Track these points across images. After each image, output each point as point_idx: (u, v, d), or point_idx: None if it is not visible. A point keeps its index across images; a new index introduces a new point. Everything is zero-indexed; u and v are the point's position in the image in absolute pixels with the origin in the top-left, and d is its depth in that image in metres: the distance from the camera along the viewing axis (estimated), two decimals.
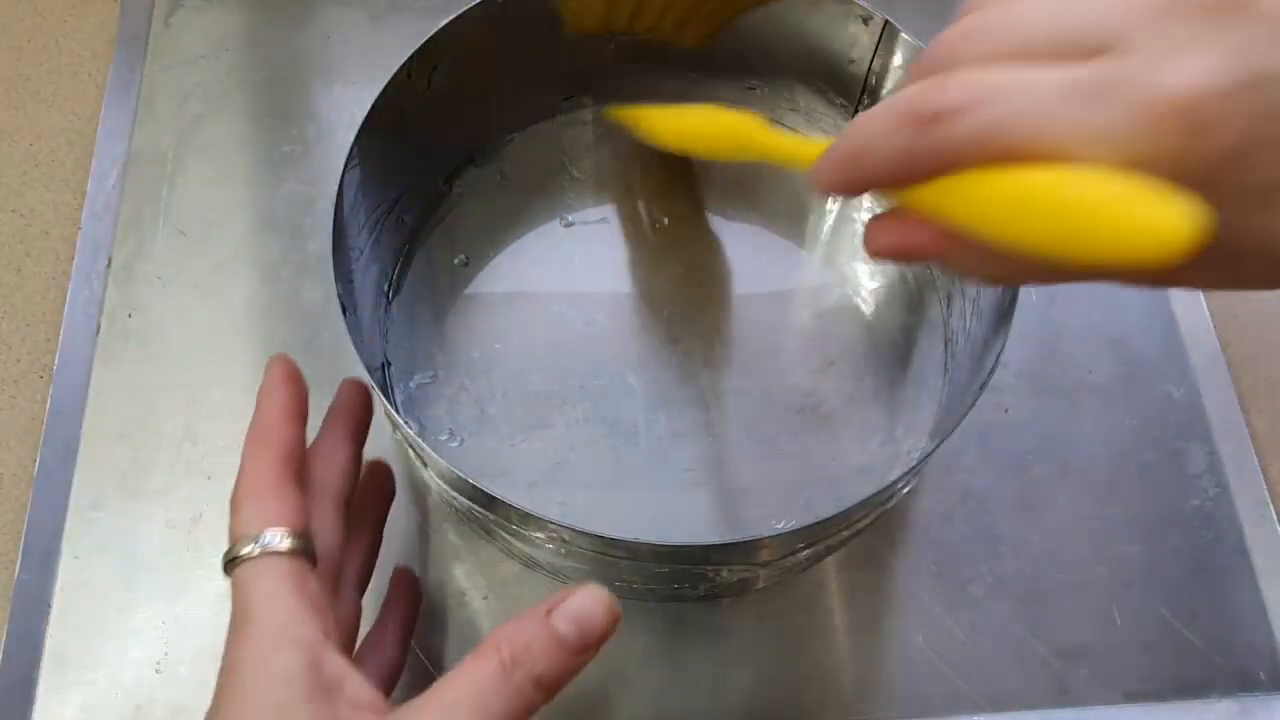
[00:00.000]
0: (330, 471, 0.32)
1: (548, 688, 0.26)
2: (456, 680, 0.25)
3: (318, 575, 0.28)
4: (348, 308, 0.35)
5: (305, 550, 0.27)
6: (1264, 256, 0.21)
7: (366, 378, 0.34)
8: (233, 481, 0.38)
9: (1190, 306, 0.45)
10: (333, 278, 0.34)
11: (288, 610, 0.26)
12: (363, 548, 0.34)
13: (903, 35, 0.38)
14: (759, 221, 0.45)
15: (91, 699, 0.37)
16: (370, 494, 0.35)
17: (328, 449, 0.32)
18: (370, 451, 0.35)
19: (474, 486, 0.31)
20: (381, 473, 0.35)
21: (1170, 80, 0.19)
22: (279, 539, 0.27)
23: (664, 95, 0.47)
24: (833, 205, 0.45)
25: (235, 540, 0.27)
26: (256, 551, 0.27)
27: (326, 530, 0.31)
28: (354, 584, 0.33)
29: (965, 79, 0.21)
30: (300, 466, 0.29)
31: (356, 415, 0.34)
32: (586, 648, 0.26)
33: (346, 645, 0.31)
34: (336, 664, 0.26)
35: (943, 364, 0.42)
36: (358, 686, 0.26)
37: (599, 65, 0.45)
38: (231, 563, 0.27)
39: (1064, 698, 0.38)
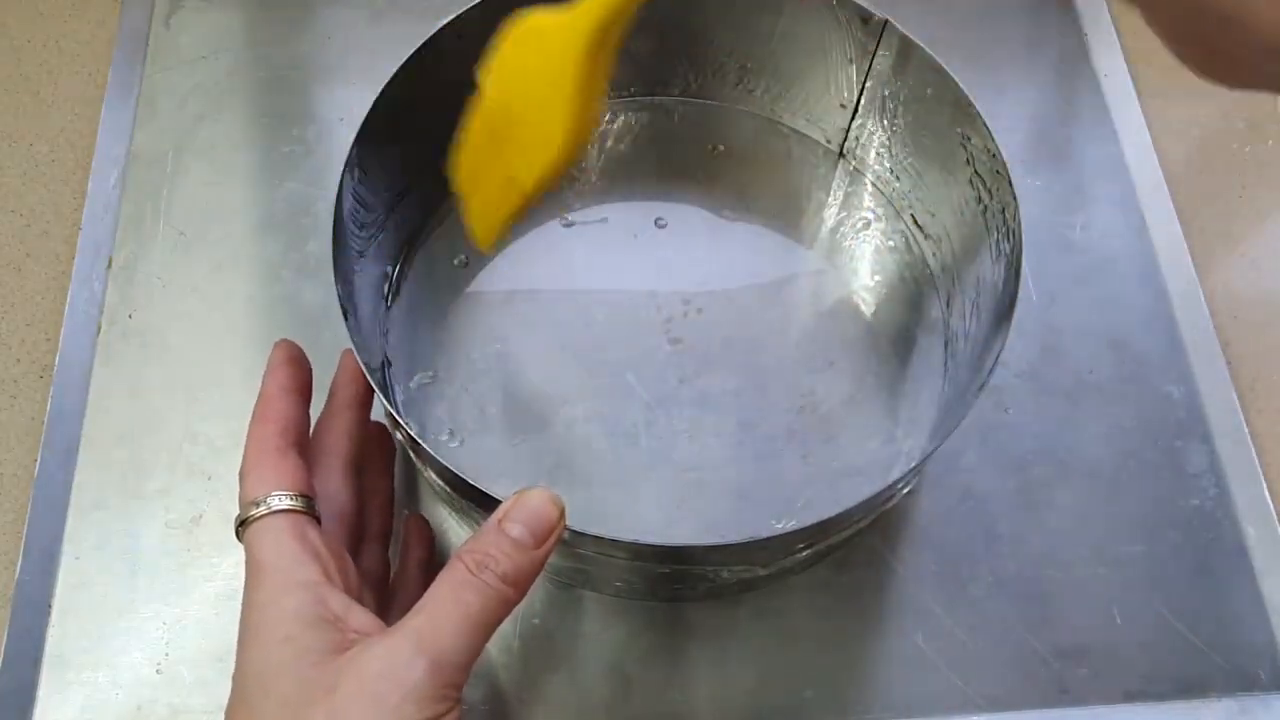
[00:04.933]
0: (334, 438, 0.35)
1: (515, 584, 0.28)
2: (434, 590, 0.28)
3: (328, 531, 0.31)
4: (348, 308, 0.35)
5: (305, 508, 0.30)
6: None
7: (367, 377, 0.34)
8: (232, 481, 0.39)
9: (1190, 307, 0.45)
10: (333, 278, 0.34)
11: (291, 557, 0.29)
12: (379, 503, 0.37)
13: (903, 35, 0.38)
14: (758, 221, 0.45)
15: (91, 699, 0.37)
16: (372, 452, 0.37)
17: (331, 418, 0.35)
18: None
19: (474, 487, 0.31)
20: (381, 432, 0.38)
21: None
22: (279, 500, 0.30)
23: (664, 94, 0.47)
24: (833, 204, 0.46)
25: (242, 507, 0.30)
26: (262, 513, 0.29)
27: (336, 492, 0.34)
28: (376, 538, 0.36)
29: None
30: (300, 436, 0.32)
31: (357, 385, 0.36)
32: (539, 543, 0.29)
33: (375, 591, 0.34)
34: (339, 600, 0.28)
35: (943, 364, 0.42)
36: (360, 617, 0.28)
37: None
38: (242, 526, 0.30)
39: (1064, 698, 0.38)
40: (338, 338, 0.34)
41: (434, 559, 0.38)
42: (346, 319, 0.34)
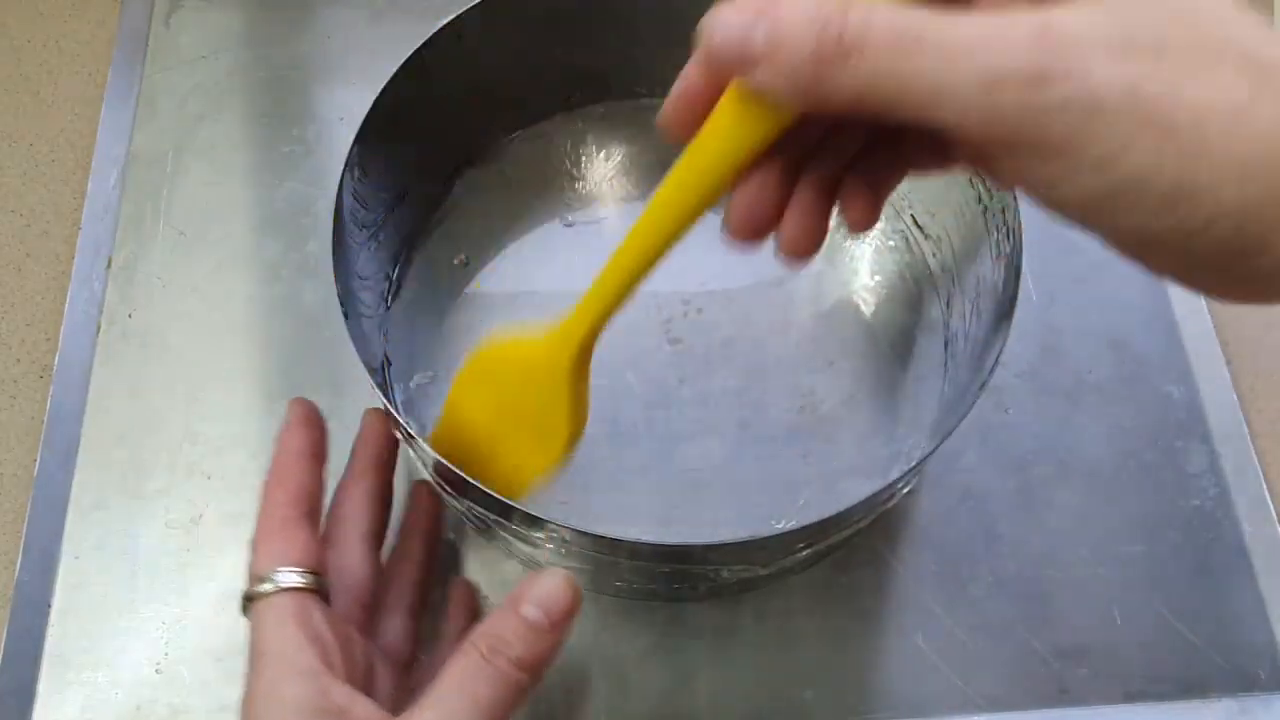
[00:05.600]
0: (353, 506, 0.33)
1: (529, 669, 0.28)
2: (444, 678, 0.27)
3: (340, 607, 0.30)
4: (348, 308, 0.35)
5: (312, 586, 0.29)
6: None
7: (367, 377, 0.34)
8: (232, 481, 0.39)
9: (1190, 306, 0.45)
10: (333, 278, 0.34)
11: (292, 644, 0.28)
12: (410, 572, 0.35)
13: None
14: None
15: (91, 699, 0.37)
16: (414, 517, 0.36)
17: (351, 484, 0.34)
18: None
19: (474, 487, 0.31)
20: (423, 494, 0.37)
21: None
22: (288, 576, 0.29)
23: (665, 95, 0.47)
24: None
25: (250, 581, 0.29)
26: (268, 590, 0.28)
27: (354, 564, 0.32)
28: (402, 609, 0.34)
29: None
30: (314, 505, 0.31)
31: (379, 446, 0.35)
32: (555, 626, 0.28)
33: (395, 666, 0.33)
34: (341, 691, 0.27)
35: (943, 364, 0.42)
36: (364, 709, 0.27)
37: (599, 65, 0.45)
38: (248, 602, 0.29)
39: (1064, 698, 0.38)
40: (338, 337, 0.34)
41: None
42: (346, 319, 0.34)
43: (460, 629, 0.35)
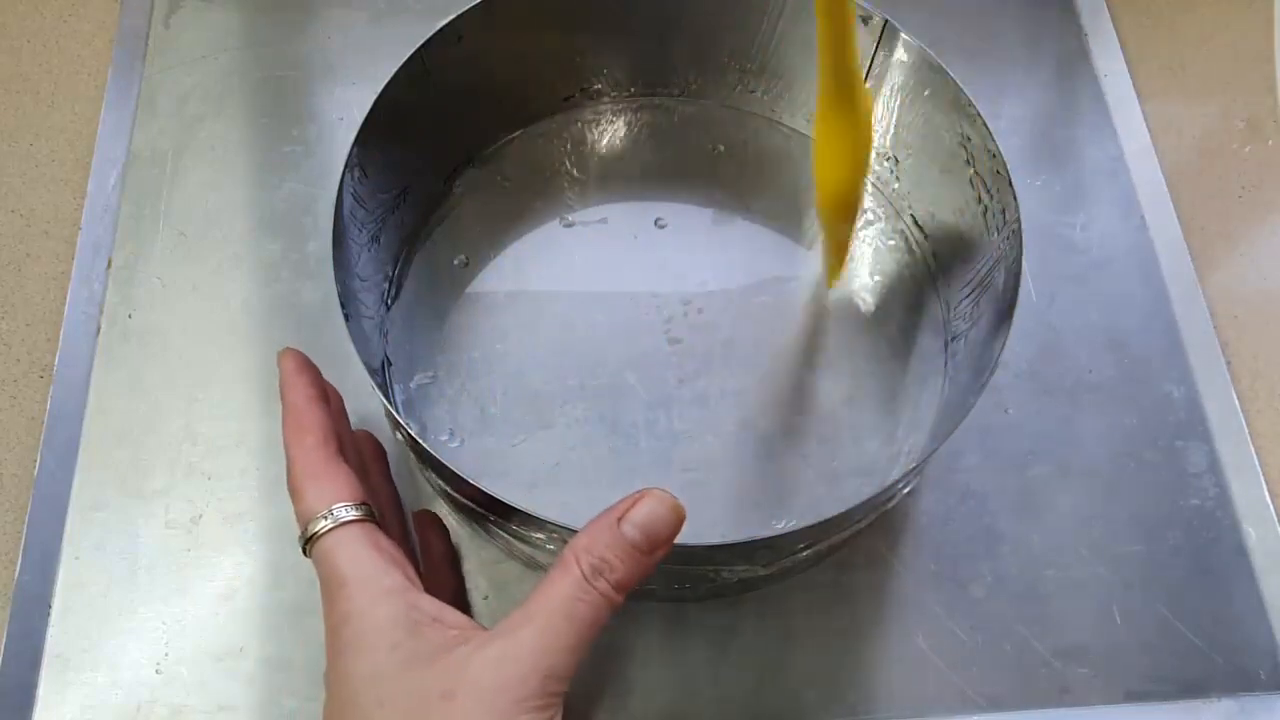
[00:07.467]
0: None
1: (624, 589, 0.28)
2: (545, 591, 0.27)
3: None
4: (348, 308, 0.35)
5: (369, 516, 0.30)
6: None
7: (367, 378, 0.34)
8: (232, 481, 0.39)
9: (1190, 307, 0.45)
10: (332, 278, 0.34)
11: (374, 566, 0.29)
12: (387, 506, 0.37)
13: (903, 35, 0.38)
14: (758, 221, 0.45)
15: (91, 699, 0.37)
16: (370, 460, 0.38)
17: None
18: None
19: (474, 487, 0.31)
20: (370, 440, 0.39)
21: None
22: (346, 510, 0.30)
23: (665, 95, 0.47)
24: None
25: (306, 521, 0.29)
26: (330, 525, 0.29)
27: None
28: (397, 537, 0.36)
29: None
30: (340, 444, 0.32)
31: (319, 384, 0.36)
32: (655, 549, 0.28)
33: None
34: (429, 602, 0.29)
35: (943, 364, 0.42)
36: (453, 616, 0.29)
37: (599, 65, 0.45)
38: (309, 542, 0.30)
39: (1064, 698, 0.38)
40: (338, 338, 0.34)
41: (454, 550, 0.38)
42: (347, 319, 0.34)
43: (442, 552, 0.37)
